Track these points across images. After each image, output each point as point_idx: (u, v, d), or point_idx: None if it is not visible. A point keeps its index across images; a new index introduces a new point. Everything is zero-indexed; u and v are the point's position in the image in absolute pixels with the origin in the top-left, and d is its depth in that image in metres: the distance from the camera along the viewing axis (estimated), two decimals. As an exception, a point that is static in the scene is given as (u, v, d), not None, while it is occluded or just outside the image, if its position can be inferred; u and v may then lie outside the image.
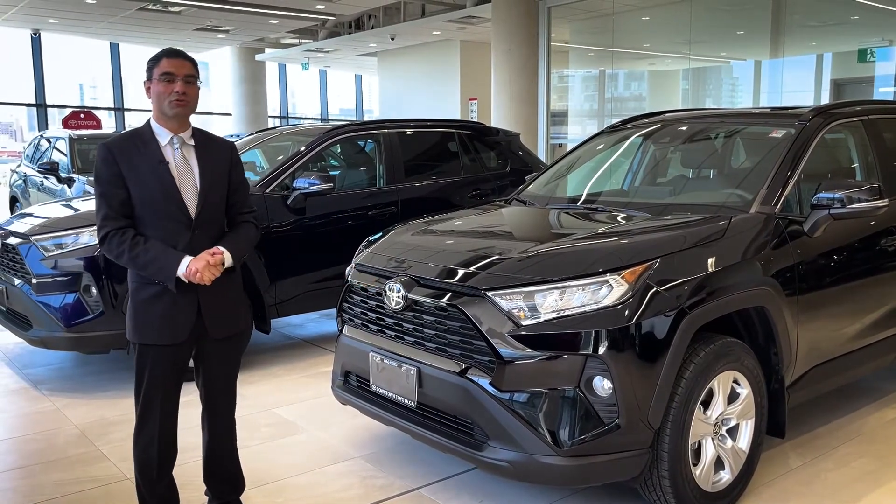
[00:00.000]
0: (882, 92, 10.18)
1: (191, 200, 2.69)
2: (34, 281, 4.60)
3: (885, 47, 10.24)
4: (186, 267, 2.61)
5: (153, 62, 2.69)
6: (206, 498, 3.04)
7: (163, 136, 2.70)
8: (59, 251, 4.61)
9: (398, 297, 3.08)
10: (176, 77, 2.64)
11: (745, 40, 12.49)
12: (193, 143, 2.75)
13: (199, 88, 2.73)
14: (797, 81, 11.40)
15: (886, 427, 3.97)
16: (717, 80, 13.43)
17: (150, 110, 2.75)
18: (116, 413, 4.26)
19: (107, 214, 2.63)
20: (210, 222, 2.75)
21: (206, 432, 2.93)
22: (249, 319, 4.79)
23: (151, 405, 2.72)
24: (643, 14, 13.19)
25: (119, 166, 2.63)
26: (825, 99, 11.01)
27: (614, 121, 4.94)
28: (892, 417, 4.10)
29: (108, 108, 23.04)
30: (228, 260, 2.71)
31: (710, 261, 2.95)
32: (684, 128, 4.45)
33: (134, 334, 2.70)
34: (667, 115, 4.60)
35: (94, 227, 4.52)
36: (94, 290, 4.50)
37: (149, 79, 2.69)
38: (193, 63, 2.71)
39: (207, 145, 2.79)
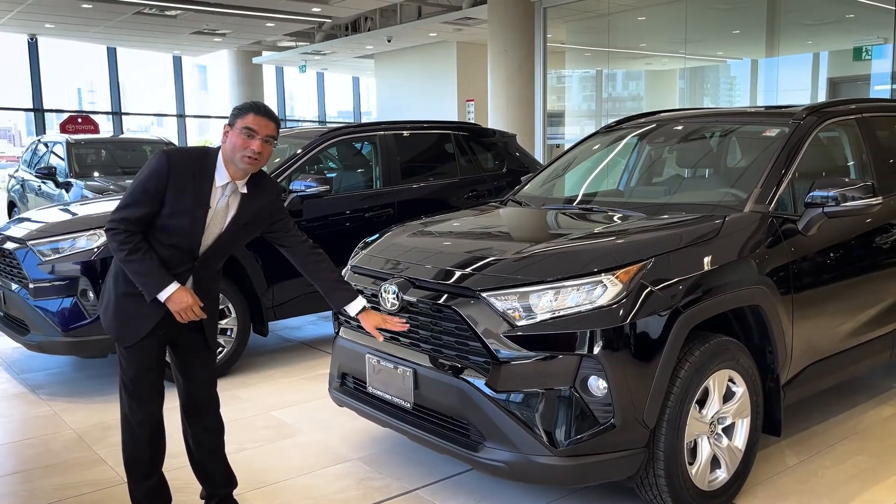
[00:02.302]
0: (878, 90, 10.18)
1: (206, 242, 2.71)
2: (31, 285, 4.60)
3: (881, 45, 10.24)
4: (169, 295, 2.62)
5: (240, 112, 2.67)
6: (202, 502, 3.05)
7: (221, 177, 2.69)
8: (56, 255, 4.61)
9: (394, 298, 3.09)
10: (256, 135, 2.64)
11: (740, 39, 12.51)
12: (244, 192, 2.74)
13: (273, 147, 2.73)
14: (793, 80, 11.43)
15: (883, 424, 3.98)
16: (713, 80, 13.44)
17: (147, 114, 2.77)
18: (114, 417, 4.20)
19: (126, 218, 2.59)
20: (215, 259, 2.80)
21: (198, 433, 2.93)
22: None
23: (137, 401, 2.75)
24: (639, 14, 13.21)
25: (168, 185, 2.60)
26: (822, 97, 11.03)
27: (611, 121, 4.95)
28: (889, 414, 4.11)
29: (106, 112, 22.98)
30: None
31: (705, 260, 2.96)
32: (679, 127, 4.45)
33: (114, 335, 2.73)
34: (662, 114, 4.61)
35: (91, 232, 4.63)
36: (90, 295, 4.50)
37: (230, 125, 2.67)
38: (277, 124, 2.71)
39: (255, 195, 2.77)
